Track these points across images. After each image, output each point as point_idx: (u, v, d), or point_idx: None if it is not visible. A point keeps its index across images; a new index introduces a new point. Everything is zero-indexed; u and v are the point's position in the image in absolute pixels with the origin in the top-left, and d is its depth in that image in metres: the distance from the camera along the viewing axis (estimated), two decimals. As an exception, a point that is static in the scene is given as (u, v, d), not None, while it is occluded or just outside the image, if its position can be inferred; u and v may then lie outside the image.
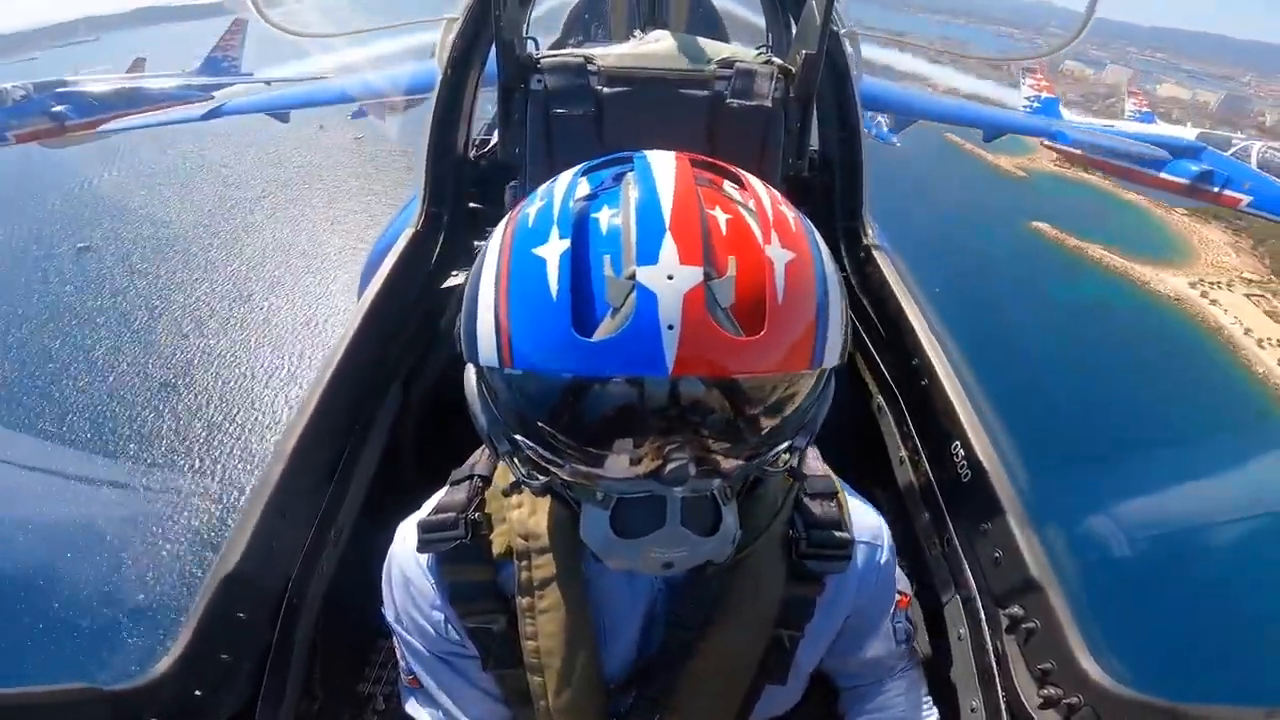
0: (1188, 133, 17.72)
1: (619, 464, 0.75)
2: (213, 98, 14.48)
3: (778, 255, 0.72)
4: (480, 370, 0.81)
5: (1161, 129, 18.44)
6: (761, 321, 0.69)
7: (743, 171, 0.85)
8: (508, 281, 0.73)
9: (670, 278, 0.66)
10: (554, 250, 0.71)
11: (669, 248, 0.68)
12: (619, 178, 0.80)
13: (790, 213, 0.80)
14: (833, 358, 0.76)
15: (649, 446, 0.73)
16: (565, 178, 0.82)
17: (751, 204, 0.78)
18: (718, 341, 0.67)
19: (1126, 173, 17.64)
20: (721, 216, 0.73)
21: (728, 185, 0.82)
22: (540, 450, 0.77)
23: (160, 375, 18.13)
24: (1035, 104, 19.13)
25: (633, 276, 0.67)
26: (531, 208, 0.79)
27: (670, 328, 0.65)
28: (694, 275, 0.67)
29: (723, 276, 0.68)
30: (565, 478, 0.80)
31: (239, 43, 16.36)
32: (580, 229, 0.72)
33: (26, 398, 17.29)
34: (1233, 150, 16.70)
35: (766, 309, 0.69)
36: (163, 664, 1.07)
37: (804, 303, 0.73)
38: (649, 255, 0.68)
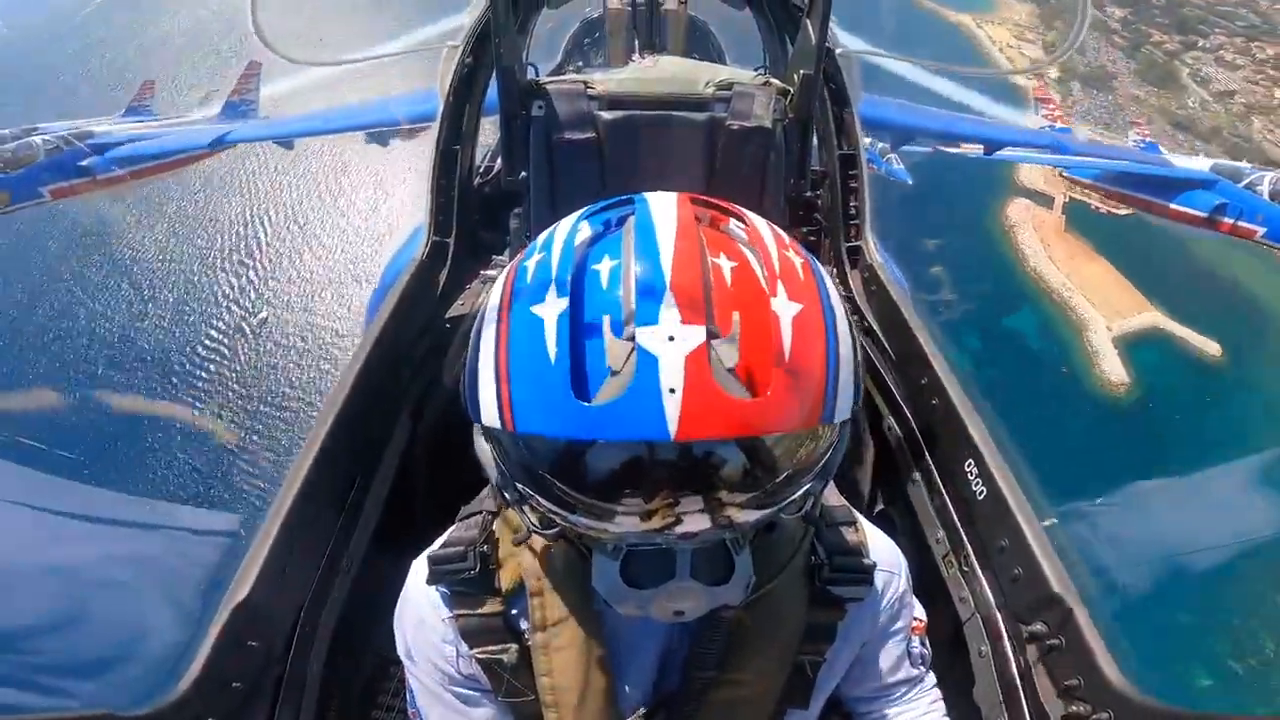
0: (1202, 164, 17.70)
1: (628, 520, 0.72)
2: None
3: (784, 309, 0.69)
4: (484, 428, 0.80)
5: (1175, 160, 18.41)
6: (768, 381, 0.66)
7: (747, 212, 0.82)
8: (507, 342, 0.72)
9: (671, 339, 0.64)
10: (552, 310, 0.69)
11: (669, 307, 0.66)
12: (622, 221, 0.79)
13: (798, 258, 0.77)
14: (845, 410, 0.73)
15: (658, 502, 0.70)
16: (566, 224, 0.80)
17: (757, 249, 0.75)
18: (721, 404, 0.64)
19: (1141, 202, 17.60)
20: (726, 265, 0.71)
21: (733, 225, 0.80)
22: (549, 505, 0.76)
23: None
24: (1050, 131, 19.22)
25: (633, 338, 0.65)
26: (531, 260, 0.78)
27: (672, 391, 0.63)
28: (696, 336, 0.65)
29: (726, 335, 0.66)
30: (576, 530, 0.79)
31: (255, 85, 16.58)
32: (578, 286, 0.70)
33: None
34: (1245, 181, 16.63)
35: (772, 368, 0.67)
36: (176, 691, 1.08)
37: (813, 358, 0.70)
38: (649, 316, 0.66)
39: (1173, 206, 16.81)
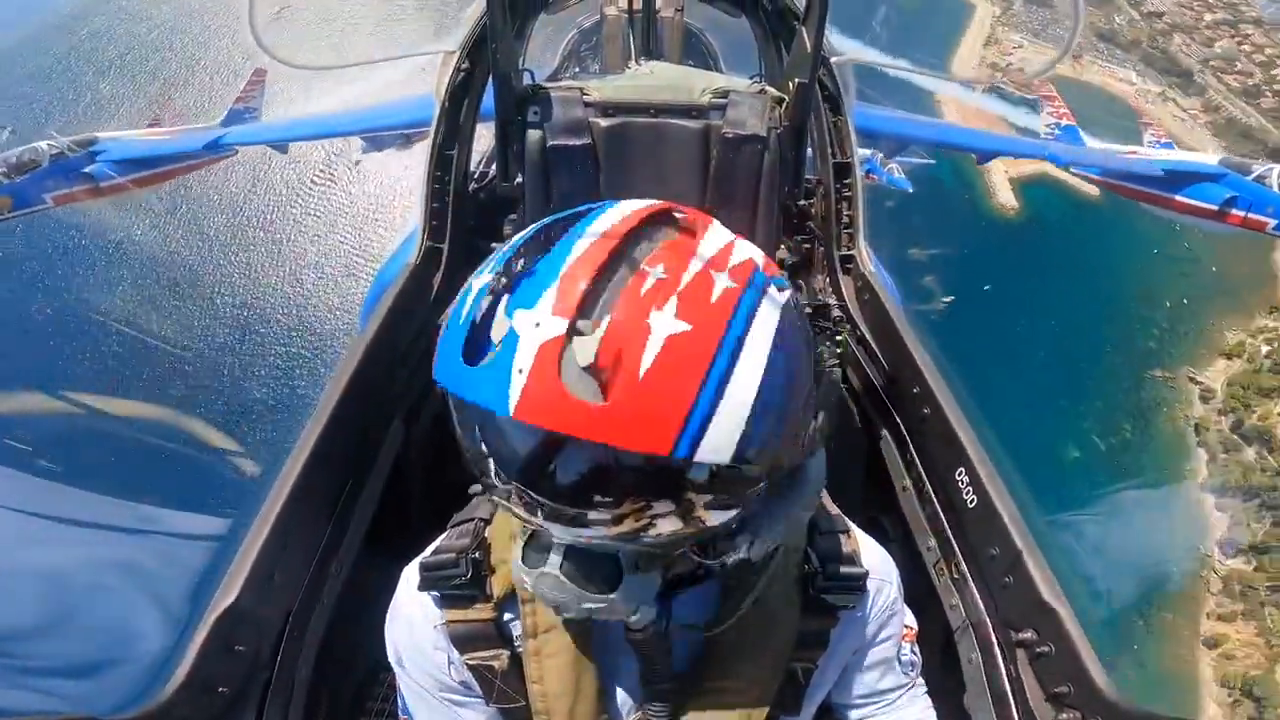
0: (1210, 158, 17.90)
1: (504, 489, 0.76)
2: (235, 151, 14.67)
3: (662, 325, 0.66)
4: None
5: (1184, 155, 18.59)
6: (614, 390, 0.65)
7: (711, 227, 0.78)
8: (456, 301, 0.78)
9: (537, 325, 0.67)
10: (480, 281, 0.75)
11: (549, 296, 0.68)
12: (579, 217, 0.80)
13: (730, 283, 0.71)
14: (717, 453, 0.68)
15: (514, 484, 0.74)
16: (550, 218, 0.82)
17: (674, 263, 0.71)
18: (559, 397, 0.65)
19: (1145, 196, 17.72)
20: (628, 273, 0.70)
21: (673, 235, 0.76)
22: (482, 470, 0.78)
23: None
24: (1056, 130, 19.34)
25: (512, 317, 0.69)
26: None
27: (520, 372, 0.65)
28: (558, 326, 0.66)
29: (589, 334, 0.66)
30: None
31: (259, 93, 16.51)
32: (508, 265, 0.75)
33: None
34: (1254, 174, 16.82)
35: (620, 378, 0.66)
36: (161, 695, 1.07)
37: (677, 382, 0.66)
38: (529, 300, 0.68)
39: (1180, 199, 16.91)
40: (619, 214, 0.76)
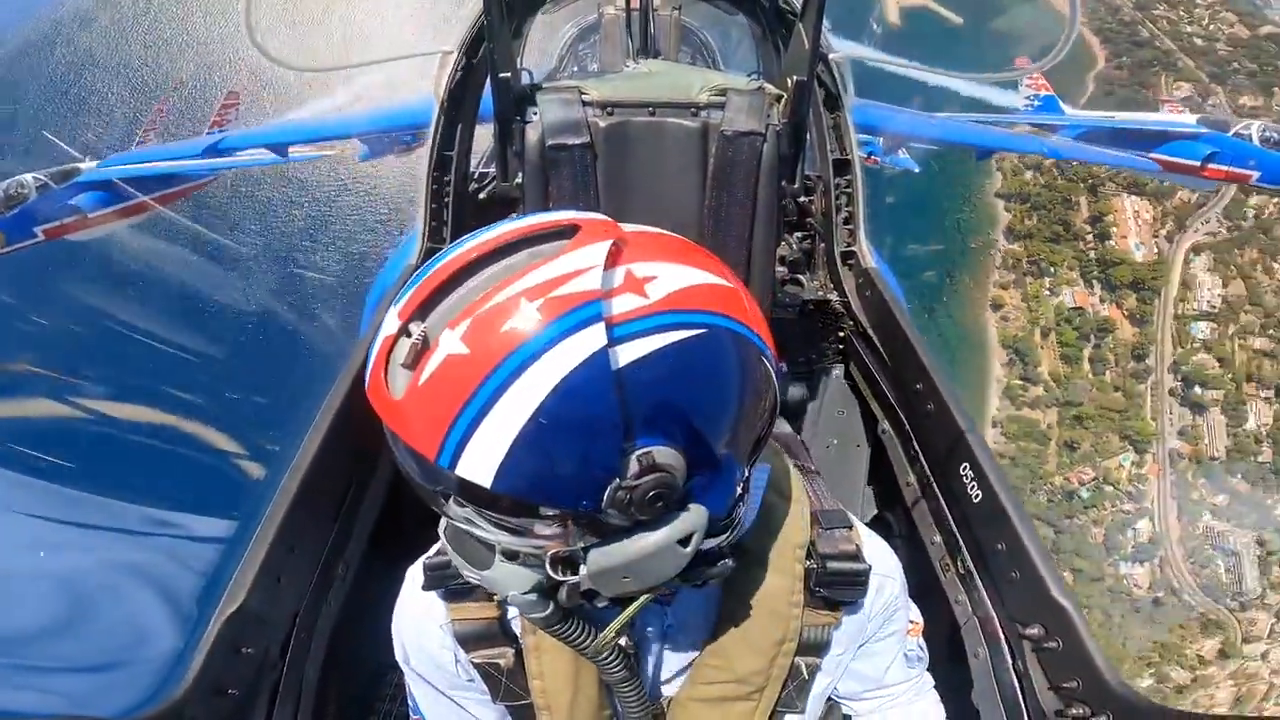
0: (1187, 118, 18.15)
1: None
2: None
3: (448, 343, 0.71)
4: None
5: (1161, 117, 18.79)
6: (405, 390, 0.73)
7: (578, 251, 0.74)
8: None
9: (392, 321, 0.76)
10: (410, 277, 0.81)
11: (407, 297, 0.76)
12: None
13: (530, 313, 0.70)
14: (475, 471, 0.71)
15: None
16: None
17: (502, 289, 0.72)
18: (378, 385, 0.75)
19: (1127, 157, 17.92)
20: (454, 289, 0.75)
21: (513, 263, 0.75)
22: None
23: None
24: (1036, 102, 19.34)
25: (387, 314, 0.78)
26: None
27: (372, 360, 0.76)
28: (394, 325, 0.75)
29: (410, 338, 0.73)
30: None
31: (234, 116, 16.39)
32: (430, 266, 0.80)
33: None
34: (1234, 131, 17.11)
35: (411, 382, 0.73)
36: (172, 697, 1.07)
37: (441, 398, 0.71)
38: (400, 299, 0.76)
39: (1162, 157, 17.09)
40: (497, 231, 0.79)
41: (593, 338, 0.70)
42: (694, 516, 0.79)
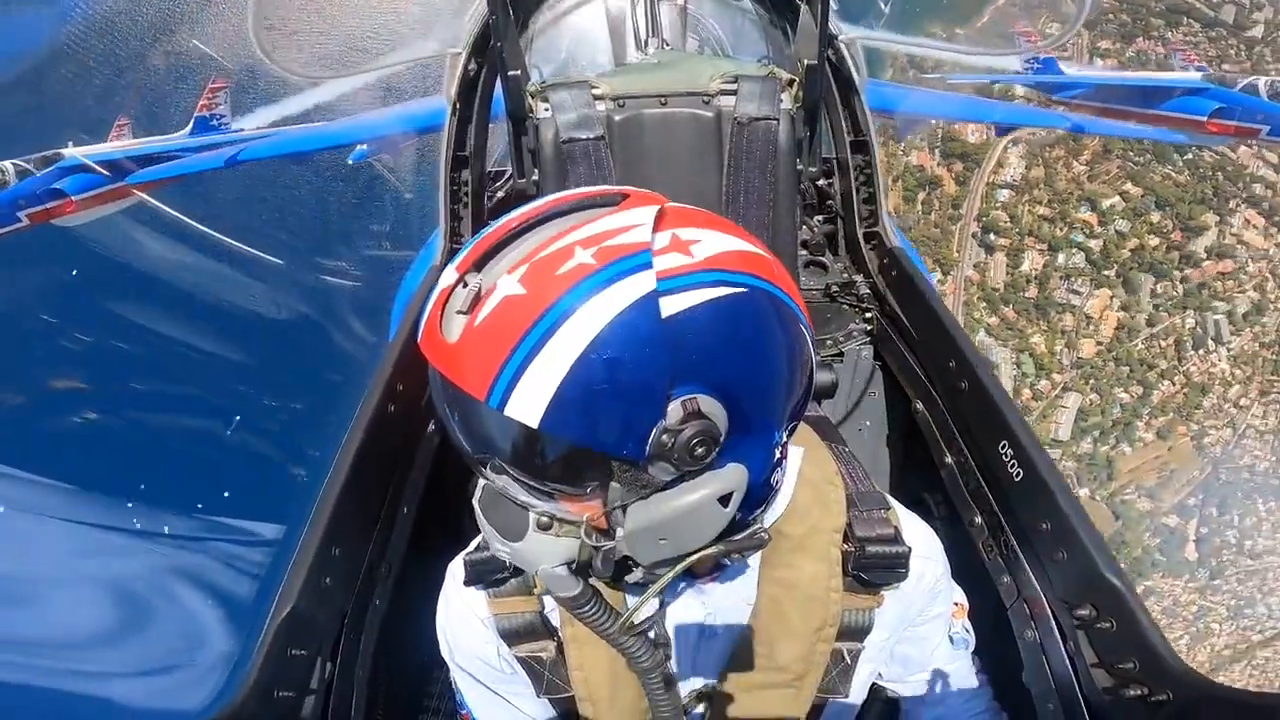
0: (1192, 75, 17.60)
1: None
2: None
3: (505, 286, 0.73)
4: None
5: (1166, 74, 18.22)
6: (461, 333, 0.75)
7: (631, 211, 0.79)
8: None
9: (449, 275, 0.79)
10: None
11: (465, 252, 0.79)
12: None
13: (584, 259, 0.73)
14: (525, 411, 0.72)
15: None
16: None
17: (552, 239, 0.75)
18: (434, 333, 0.77)
19: (1137, 114, 17.33)
20: (514, 243, 0.79)
21: (569, 218, 0.79)
22: None
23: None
24: (1036, 65, 18.81)
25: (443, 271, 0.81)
26: None
27: (429, 312, 0.78)
28: (452, 277, 0.78)
29: (468, 287, 0.76)
30: None
31: (224, 100, 16.46)
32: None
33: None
34: (1240, 86, 16.51)
35: (467, 325, 0.75)
36: (229, 704, 1.10)
37: (497, 336, 0.72)
38: (460, 255, 0.80)
39: (1169, 114, 16.61)
40: (550, 199, 0.83)
41: (644, 281, 0.73)
42: (734, 474, 0.80)
